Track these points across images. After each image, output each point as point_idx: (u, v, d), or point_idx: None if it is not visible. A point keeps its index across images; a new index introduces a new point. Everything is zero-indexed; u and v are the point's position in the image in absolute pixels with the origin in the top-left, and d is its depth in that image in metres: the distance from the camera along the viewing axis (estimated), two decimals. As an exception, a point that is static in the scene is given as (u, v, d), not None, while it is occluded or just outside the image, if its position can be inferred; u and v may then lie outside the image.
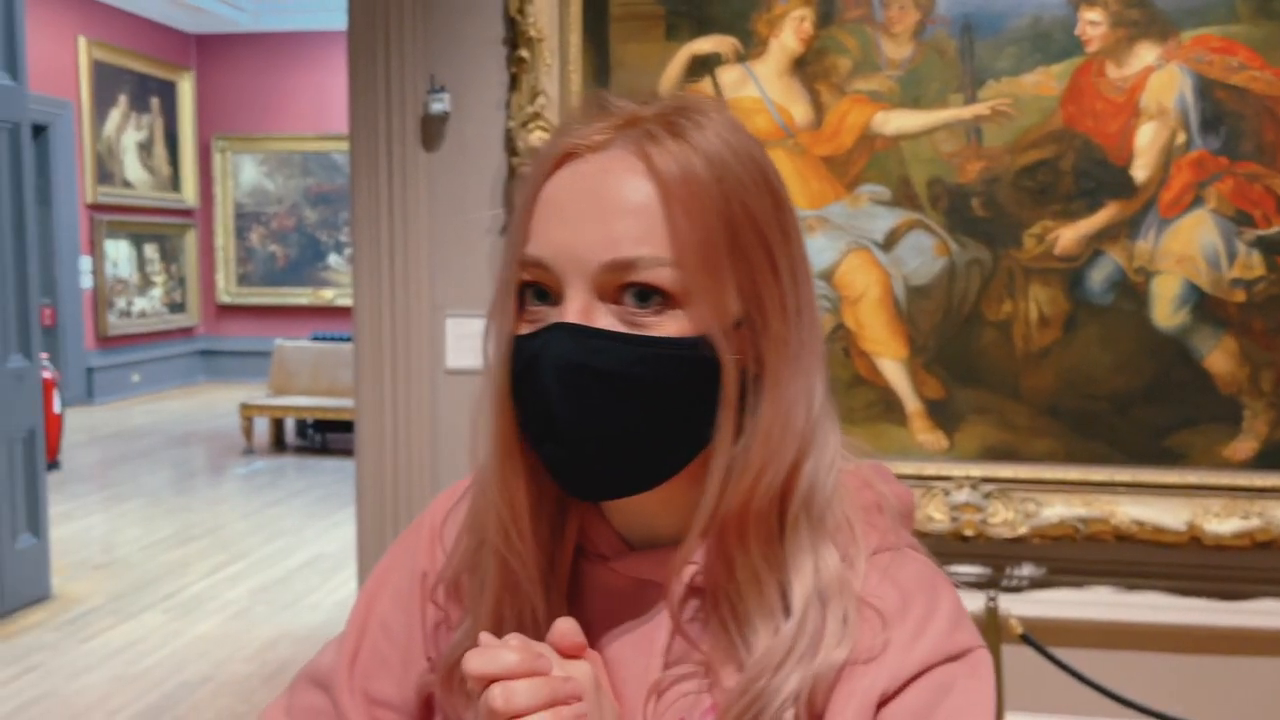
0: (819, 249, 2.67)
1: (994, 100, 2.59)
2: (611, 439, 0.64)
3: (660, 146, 0.64)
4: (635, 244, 0.63)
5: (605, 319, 0.64)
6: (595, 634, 0.70)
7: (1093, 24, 2.56)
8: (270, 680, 3.54)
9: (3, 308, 4.01)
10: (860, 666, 0.65)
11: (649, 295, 0.63)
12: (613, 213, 0.63)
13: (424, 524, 0.82)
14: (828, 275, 2.68)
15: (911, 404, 2.70)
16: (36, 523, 4.25)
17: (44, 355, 4.60)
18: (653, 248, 0.63)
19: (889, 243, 2.66)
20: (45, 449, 4.41)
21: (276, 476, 6.85)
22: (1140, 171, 2.57)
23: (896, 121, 2.63)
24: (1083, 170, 2.59)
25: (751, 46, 2.68)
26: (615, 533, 0.72)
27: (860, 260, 2.67)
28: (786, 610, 0.65)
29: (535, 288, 0.66)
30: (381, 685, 0.77)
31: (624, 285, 0.63)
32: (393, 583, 0.80)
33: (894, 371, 2.70)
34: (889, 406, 2.70)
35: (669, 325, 0.64)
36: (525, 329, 0.66)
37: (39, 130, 8.35)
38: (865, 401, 2.71)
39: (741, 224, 0.65)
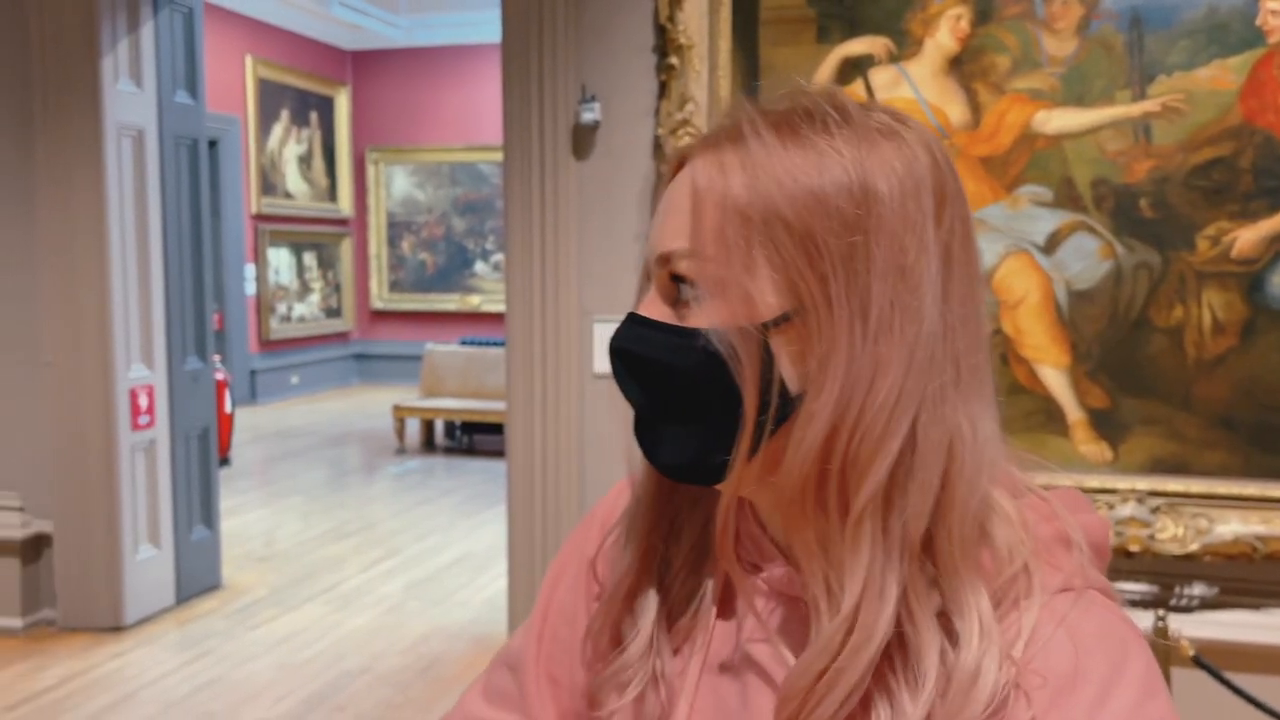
0: (975, 253, 2.60)
1: (1165, 96, 2.48)
2: (665, 420, 0.68)
3: (709, 152, 0.68)
4: (672, 238, 0.67)
5: (660, 310, 0.68)
6: (739, 646, 0.72)
7: (1275, 13, 2.42)
8: (425, 673, 3.66)
9: (181, 313, 4.28)
10: None
11: (683, 287, 0.67)
12: (667, 212, 0.69)
13: (595, 515, 0.85)
14: (985, 279, 2.61)
15: (1074, 413, 2.60)
16: (209, 516, 4.51)
17: (216, 357, 4.88)
18: (683, 241, 0.67)
19: (1050, 245, 2.57)
20: (218, 446, 4.67)
21: (426, 476, 7.08)
22: (1329, 168, 2.41)
23: (1059, 120, 2.54)
24: (1263, 168, 2.45)
25: (905, 47, 2.63)
26: (771, 541, 0.72)
27: (1020, 263, 2.59)
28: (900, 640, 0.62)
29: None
30: (561, 669, 0.80)
31: (671, 277, 0.68)
32: (570, 570, 0.83)
33: (1055, 379, 2.60)
34: (1049, 416, 2.61)
35: (701, 317, 0.66)
36: None
37: (211, 145, 8.87)
38: (1024, 411, 2.62)
39: (774, 219, 0.64)
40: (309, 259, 10.55)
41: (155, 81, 4.06)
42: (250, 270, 9.73)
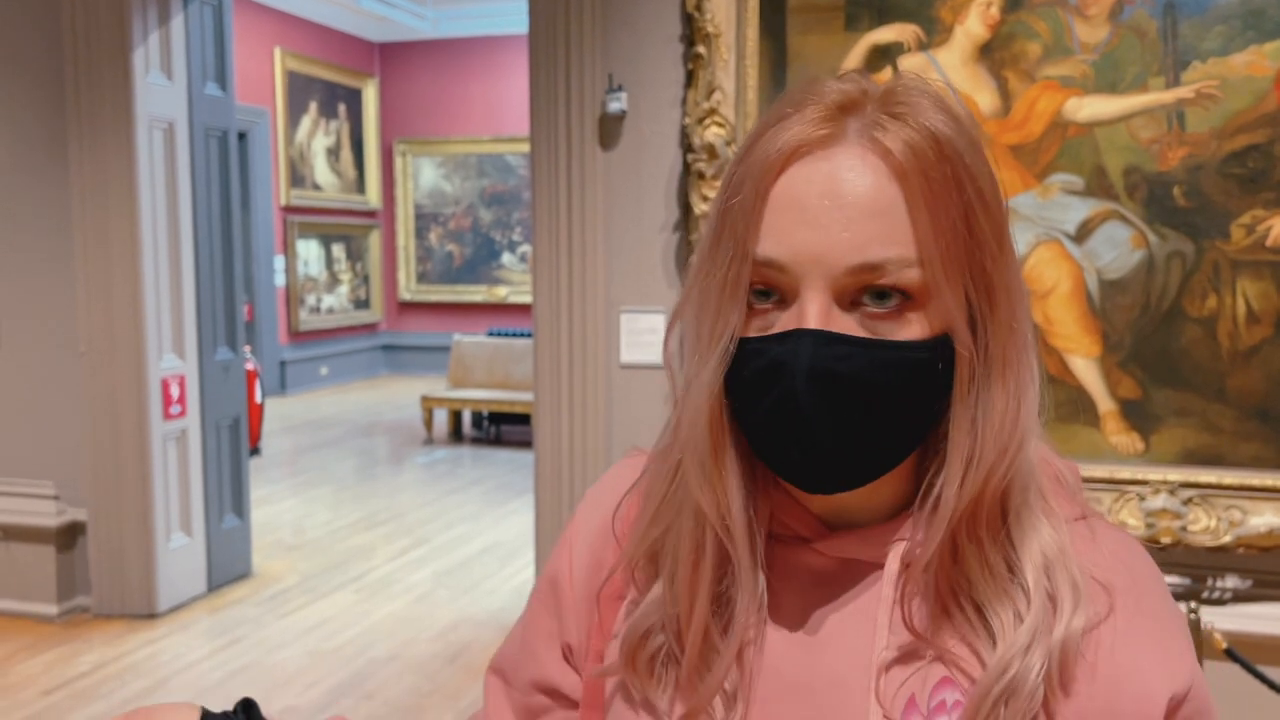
0: (1005, 242, 2.58)
1: (1199, 83, 2.45)
2: (850, 440, 0.65)
3: (891, 135, 0.63)
4: (883, 246, 0.62)
5: (845, 323, 0.64)
6: (804, 613, 0.71)
7: (1313, -3, 2.38)
8: (453, 661, 3.68)
9: (212, 304, 4.32)
10: (1105, 639, 0.66)
11: (888, 296, 0.63)
12: (858, 214, 0.62)
13: (580, 527, 0.83)
14: (1014, 269, 2.59)
15: (1105, 404, 2.58)
16: (240, 505, 4.55)
17: (246, 348, 4.92)
18: (900, 248, 0.62)
19: (1082, 234, 2.55)
20: (248, 436, 4.72)
21: (454, 466, 7.11)
22: (1368, 155, 2.37)
23: (1090, 108, 2.51)
24: (1300, 155, 2.42)
25: (935, 34, 2.61)
26: (814, 517, 0.72)
27: (1050, 253, 2.56)
28: (1023, 590, 0.66)
29: (760, 288, 0.66)
30: (547, 671, 0.80)
31: (864, 287, 0.63)
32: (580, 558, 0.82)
33: (1086, 370, 2.58)
34: (1079, 406, 2.59)
35: (909, 328, 0.64)
36: (753, 330, 0.66)
37: (240, 137, 8.93)
38: (1054, 401, 2.59)
39: (975, 209, 0.63)
40: (337, 250, 10.61)
41: (186, 74, 4.09)
42: (280, 262, 9.80)
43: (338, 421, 8.67)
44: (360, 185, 10.92)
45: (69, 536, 4.05)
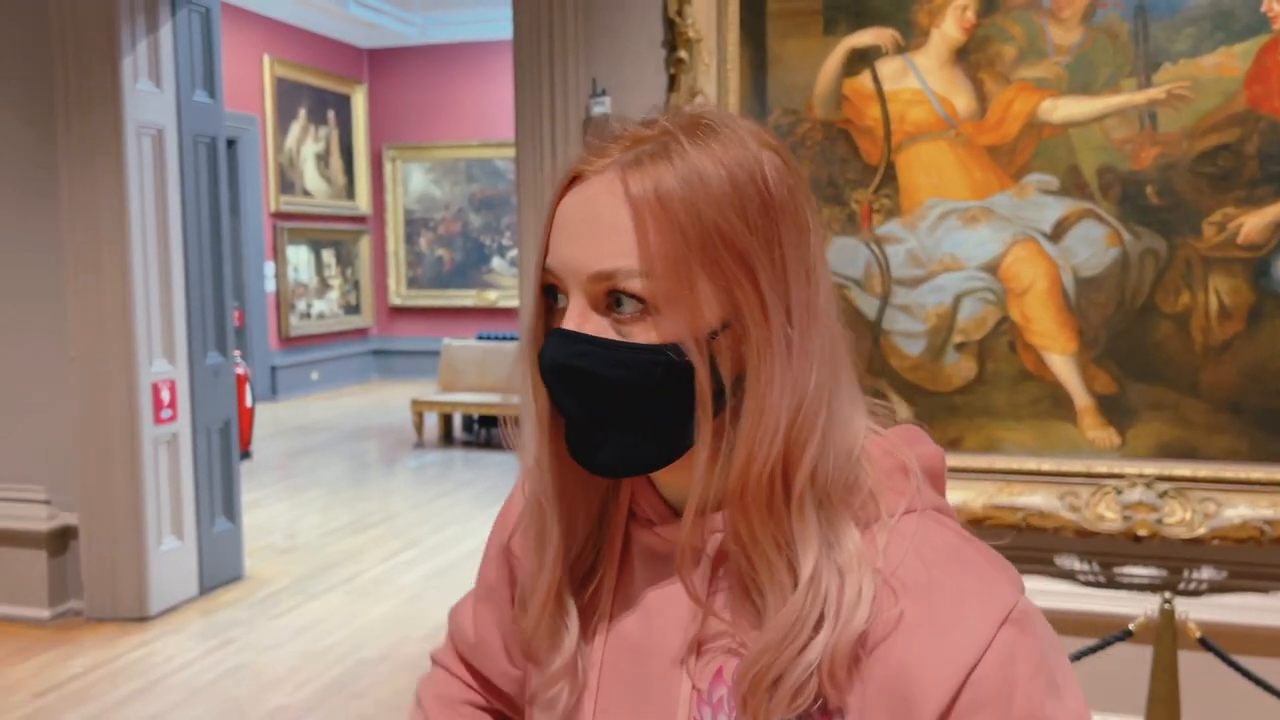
0: (981, 240, 2.63)
1: (1170, 83, 2.50)
2: (604, 429, 0.73)
3: (640, 170, 0.70)
4: (613, 257, 0.70)
5: (598, 324, 0.72)
6: (642, 592, 0.80)
7: (1280, -1, 2.43)
8: (442, 661, 3.71)
9: (202, 309, 4.34)
10: (886, 643, 0.68)
11: (628, 302, 0.70)
12: (599, 230, 0.71)
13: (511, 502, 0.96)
14: (992, 267, 2.63)
15: (1081, 399, 2.63)
16: (231, 508, 4.58)
17: (237, 353, 4.94)
18: (628, 260, 0.69)
19: (1057, 233, 2.60)
20: (239, 440, 4.74)
21: (445, 469, 7.14)
22: (1333, 153, 2.42)
23: (1065, 109, 2.56)
24: (1269, 154, 2.47)
25: (912, 38, 2.66)
26: (662, 500, 0.79)
27: (1027, 251, 2.61)
28: (795, 585, 0.70)
29: (556, 292, 0.75)
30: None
31: (609, 293, 0.71)
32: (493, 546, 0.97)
33: (1063, 366, 2.63)
34: (1057, 402, 2.64)
35: (647, 332, 0.70)
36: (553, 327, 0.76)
37: (229, 144, 8.95)
38: (1031, 397, 2.65)
39: (714, 237, 0.69)
40: (328, 256, 10.63)
41: (174, 81, 4.12)
42: (270, 268, 9.81)
43: (329, 426, 8.69)
44: (350, 191, 10.94)
45: (60, 541, 4.07)
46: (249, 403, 7.16)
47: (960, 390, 2.70)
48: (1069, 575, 2.71)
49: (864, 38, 2.69)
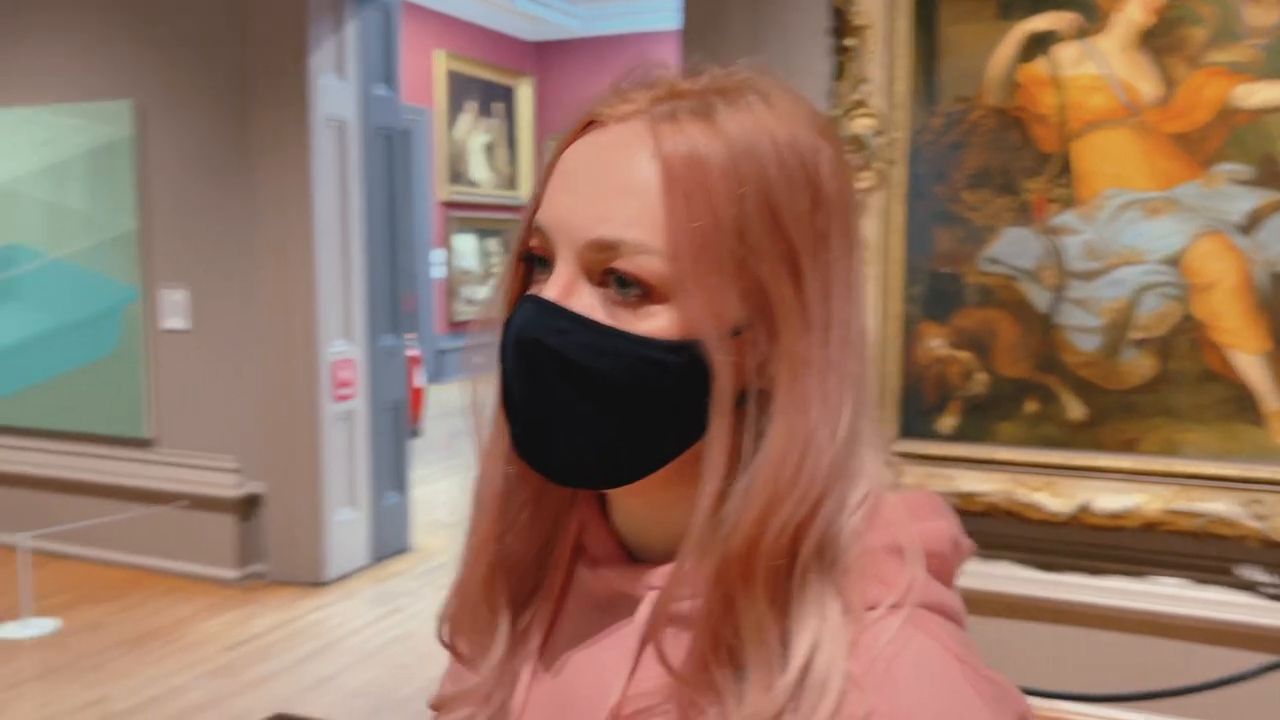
0: (1164, 233, 2.51)
1: (1382, 65, 2.32)
2: (566, 426, 0.59)
3: (678, 126, 0.57)
4: (624, 225, 0.56)
5: (586, 300, 0.58)
6: (569, 641, 0.67)
7: None
8: (596, 640, 3.81)
9: (378, 293, 4.57)
10: None
11: (629, 285, 0.57)
12: (610, 188, 0.57)
13: None
14: (1174, 260, 2.51)
15: (1271, 402, 2.48)
16: (401, 483, 4.81)
17: (410, 335, 5.17)
18: (639, 232, 0.56)
19: (1250, 225, 2.45)
20: (409, 418, 4.97)
21: (600, 455, 7.28)
22: None
23: (1262, 94, 2.42)
24: None
25: (1093, 21, 2.55)
26: (612, 535, 0.66)
27: (1214, 245, 2.48)
28: (784, 663, 0.55)
29: (540, 257, 0.61)
30: None
31: (606, 270, 0.57)
32: None
33: (1251, 366, 2.49)
34: (1242, 405, 2.50)
35: (649, 323, 0.57)
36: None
37: (404, 135, 9.33)
38: (1215, 398, 2.51)
39: (757, 220, 0.56)
40: (492, 245, 10.95)
41: (357, 75, 4.34)
42: (438, 255, 10.19)
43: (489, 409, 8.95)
44: (514, 181, 11.24)
45: (248, 507, 4.36)
46: (419, 383, 7.47)
47: (1138, 389, 2.58)
48: (1249, 587, 2.57)
49: (1042, 22, 2.60)
